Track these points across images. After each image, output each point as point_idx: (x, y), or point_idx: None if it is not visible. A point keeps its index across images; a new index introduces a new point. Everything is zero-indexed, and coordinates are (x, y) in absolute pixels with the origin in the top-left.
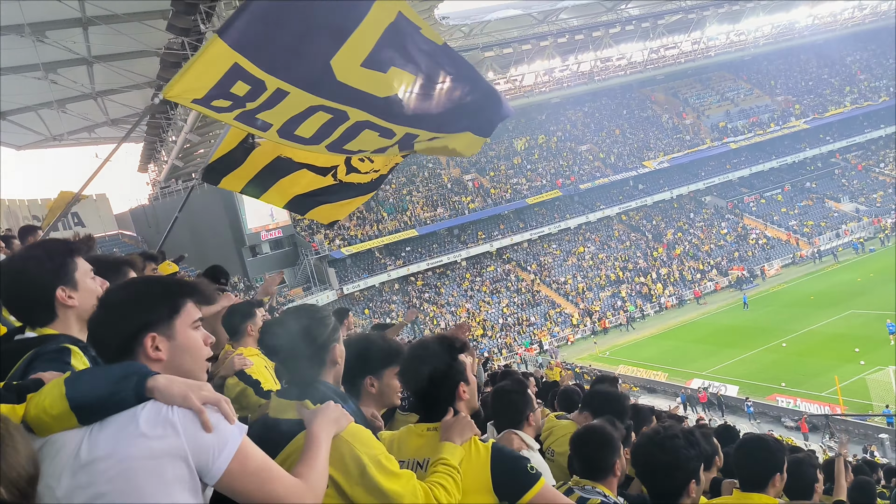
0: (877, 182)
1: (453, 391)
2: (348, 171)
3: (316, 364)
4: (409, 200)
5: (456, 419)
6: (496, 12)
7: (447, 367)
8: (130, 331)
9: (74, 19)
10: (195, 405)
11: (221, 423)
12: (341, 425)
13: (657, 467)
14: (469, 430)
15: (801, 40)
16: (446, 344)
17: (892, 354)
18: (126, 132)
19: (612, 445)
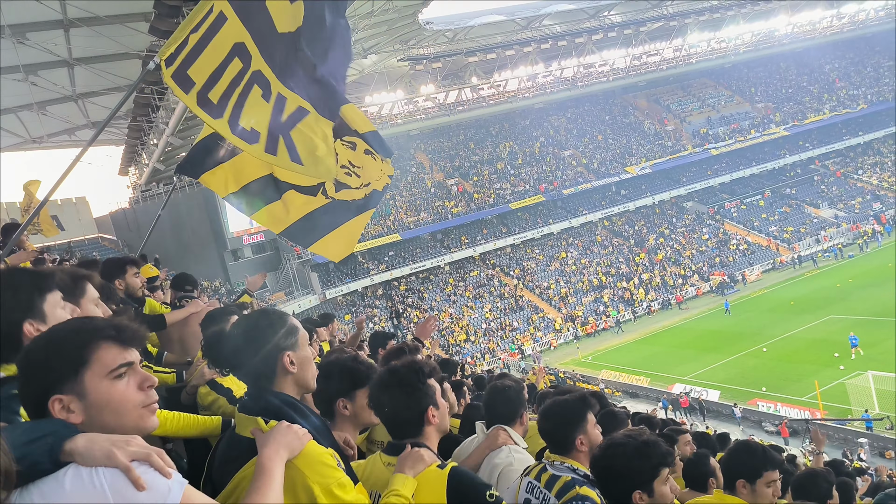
0: (855, 189)
1: (421, 416)
2: (338, 188)
3: (265, 374)
4: (392, 205)
5: (409, 454)
6: (480, 18)
7: (415, 391)
8: (36, 395)
9: (55, 21)
10: (121, 463)
11: (157, 479)
12: (293, 449)
13: (604, 473)
14: (420, 463)
15: (780, 48)
16: (415, 368)
17: (872, 359)
18: (105, 120)
19: (570, 420)
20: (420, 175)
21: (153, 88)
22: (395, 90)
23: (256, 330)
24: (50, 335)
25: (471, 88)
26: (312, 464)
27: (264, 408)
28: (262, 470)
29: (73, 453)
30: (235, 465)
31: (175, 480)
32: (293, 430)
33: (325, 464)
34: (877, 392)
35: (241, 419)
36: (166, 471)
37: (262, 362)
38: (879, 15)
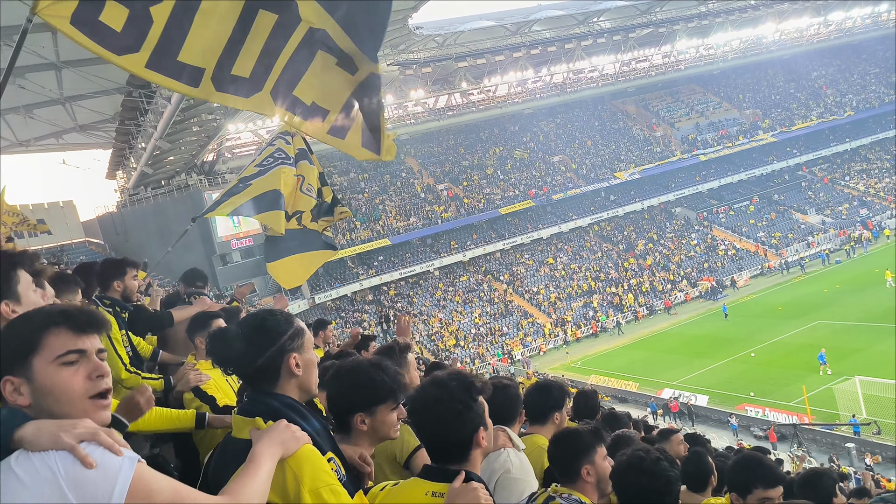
0: (842, 195)
1: (471, 438)
2: (314, 218)
3: (269, 376)
4: (381, 209)
5: (463, 489)
6: (470, 23)
7: (467, 410)
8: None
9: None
10: (66, 443)
11: (106, 456)
12: (289, 449)
13: (645, 493)
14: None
15: (768, 55)
16: (466, 383)
17: (859, 364)
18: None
19: (578, 449)
20: (410, 180)
21: (141, 92)
22: (384, 95)
23: (263, 330)
24: (10, 320)
25: (460, 93)
26: (304, 464)
27: (264, 410)
28: (252, 459)
29: (21, 440)
30: (231, 469)
31: (126, 457)
32: (291, 429)
33: (318, 466)
34: (864, 397)
35: (238, 422)
36: (116, 448)
37: (267, 363)
38: (866, 23)
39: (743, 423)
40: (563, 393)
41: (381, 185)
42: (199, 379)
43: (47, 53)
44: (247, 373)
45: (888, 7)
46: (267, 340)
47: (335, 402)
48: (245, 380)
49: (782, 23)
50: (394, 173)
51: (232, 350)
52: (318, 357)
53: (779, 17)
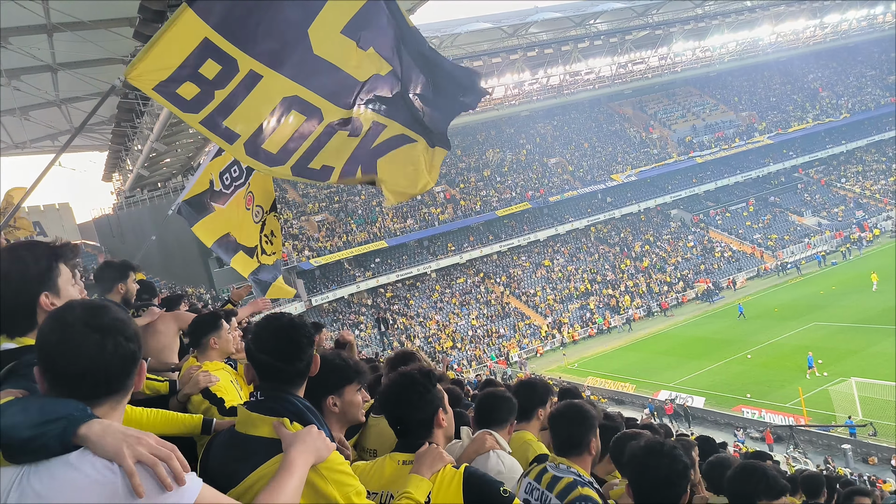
0: (838, 197)
1: (432, 417)
2: (262, 252)
3: (299, 378)
4: (378, 212)
5: (428, 450)
6: (467, 25)
7: (427, 393)
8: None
9: (39, 25)
10: (126, 464)
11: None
12: (321, 456)
13: (660, 477)
14: (439, 462)
15: (764, 57)
16: (426, 371)
17: (856, 366)
18: (82, 122)
19: (588, 422)
20: None
21: (137, 94)
22: None
23: (307, 333)
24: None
25: None
26: (335, 472)
27: (291, 409)
28: (288, 467)
29: (86, 439)
30: (250, 464)
31: (192, 482)
32: (322, 435)
33: (345, 472)
34: (860, 398)
35: (251, 418)
36: (168, 483)
37: (305, 365)
38: (862, 25)
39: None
40: (548, 390)
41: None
42: (208, 380)
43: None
44: (285, 371)
45: (884, 9)
46: (309, 344)
47: (308, 389)
48: (276, 378)
49: (778, 25)
50: None
51: (284, 346)
52: None
53: (775, 19)
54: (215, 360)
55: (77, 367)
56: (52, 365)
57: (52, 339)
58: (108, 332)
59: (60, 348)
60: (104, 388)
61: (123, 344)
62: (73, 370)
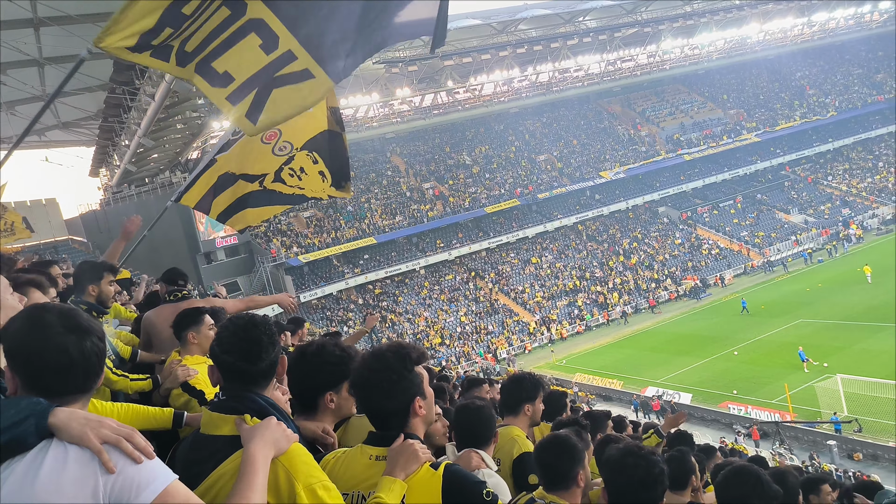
0: (824, 194)
1: (408, 406)
2: (274, 180)
3: (265, 377)
4: (367, 208)
5: (402, 447)
6: (456, 22)
7: (401, 380)
8: None
9: (26, 20)
10: (92, 444)
11: (148, 466)
12: (281, 447)
13: (640, 481)
14: (414, 462)
15: (752, 55)
16: (401, 354)
17: (841, 362)
18: (57, 88)
19: (574, 454)
20: (395, 178)
21: (125, 89)
22: (370, 93)
23: (270, 332)
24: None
25: (446, 92)
26: (298, 463)
27: (253, 407)
28: (249, 463)
29: (55, 427)
30: (209, 465)
31: (162, 471)
32: (282, 427)
33: (310, 464)
34: (845, 395)
35: (212, 419)
36: (136, 455)
37: (271, 364)
38: (849, 24)
39: (724, 420)
40: (537, 385)
41: (367, 184)
42: (186, 374)
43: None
44: (248, 372)
45: (871, 8)
46: (276, 342)
47: (304, 383)
48: (239, 378)
49: (766, 23)
50: (379, 172)
51: (246, 346)
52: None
53: (763, 17)
54: (196, 354)
55: (60, 365)
56: (32, 364)
57: (33, 339)
58: (84, 332)
59: (42, 348)
60: (81, 384)
61: (98, 343)
62: (55, 369)
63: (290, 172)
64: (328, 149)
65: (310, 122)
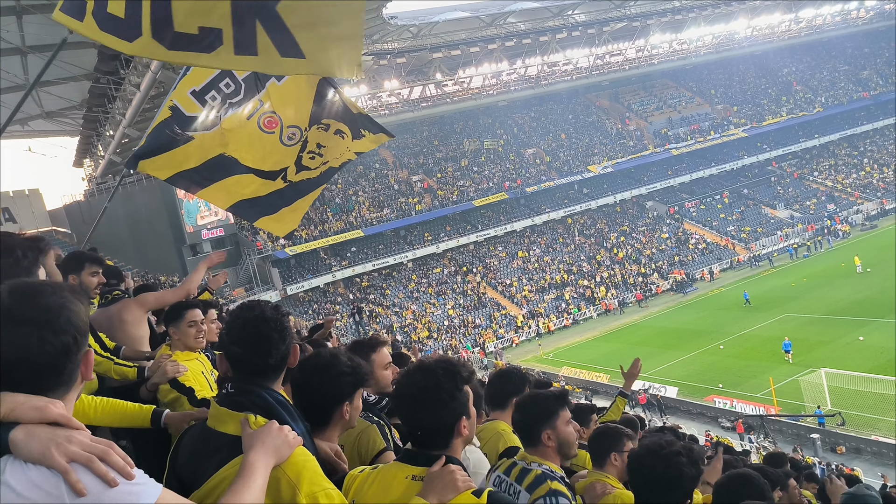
0: (810, 190)
1: (454, 426)
2: (298, 171)
3: (274, 371)
4: (355, 201)
5: (442, 472)
6: (444, 14)
7: (452, 400)
8: None
9: (8, 7)
10: (58, 463)
11: (103, 491)
12: (282, 455)
13: (657, 482)
14: (452, 491)
15: (740, 51)
16: (452, 372)
17: (825, 356)
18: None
19: (540, 413)
20: (383, 171)
21: (109, 79)
22: (358, 85)
23: (284, 325)
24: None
25: (435, 85)
26: (300, 470)
27: (259, 403)
28: (247, 471)
29: (12, 444)
30: (214, 462)
31: (145, 488)
32: (284, 432)
33: (313, 470)
34: (829, 389)
35: (219, 413)
36: (109, 477)
37: (281, 357)
38: (836, 20)
39: (709, 414)
40: (523, 380)
41: (355, 176)
42: (176, 370)
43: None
44: (257, 365)
45: (857, 5)
46: (287, 336)
47: (319, 397)
48: (248, 370)
49: (754, 19)
50: (367, 164)
51: (255, 340)
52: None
53: (751, 13)
54: (181, 350)
55: (13, 360)
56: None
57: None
58: (34, 324)
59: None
60: (31, 385)
61: (51, 339)
62: (9, 364)
63: (310, 156)
64: (330, 106)
65: (303, 95)
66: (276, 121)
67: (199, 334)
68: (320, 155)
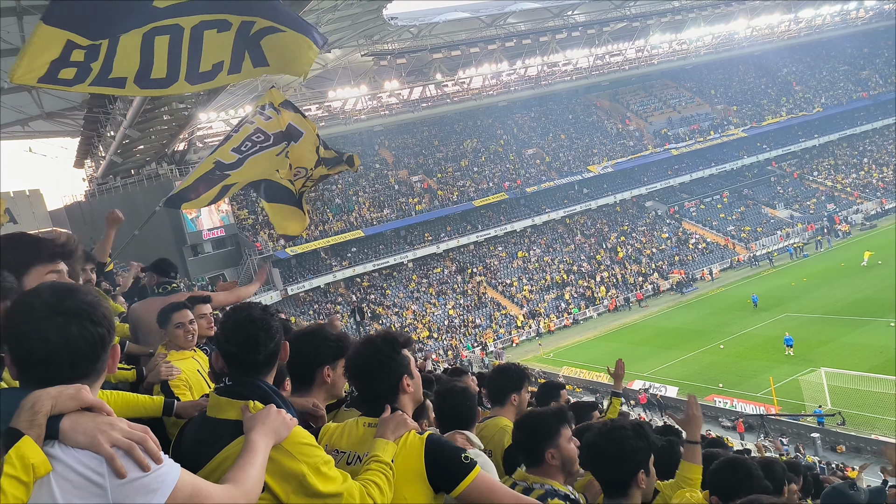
0: (810, 190)
1: (396, 385)
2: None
3: (267, 365)
4: (355, 201)
5: (391, 416)
6: (444, 14)
7: (390, 361)
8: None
9: (9, 8)
10: (104, 450)
11: (136, 473)
12: (281, 434)
13: (604, 458)
14: (402, 427)
15: (740, 51)
16: (389, 339)
17: (825, 356)
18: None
19: (542, 432)
20: (384, 171)
21: None
22: (358, 85)
23: (275, 321)
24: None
25: (435, 85)
26: (298, 445)
27: (258, 393)
28: (250, 447)
29: (62, 431)
30: (215, 447)
31: (170, 467)
32: (282, 415)
33: (309, 444)
34: (829, 388)
35: (220, 403)
36: (145, 463)
37: (273, 352)
38: (835, 20)
39: (710, 413)
40: (522, 375)
41: (355, 177)
42: (169, 373)
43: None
44: (249, 361)
45: (857, 5)
46: (274, 334)
47: (303, 359)
48: (241, 366)
49: (754, 19)
50: (367, 165)
51: (244, 340)
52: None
53: (751, 13)
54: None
55: (40, 352)
56: (18, 350)
57: (16, 324)
58: (73, 315)
59: (24, 333)
60: (69, 372)
61: (89, 328)
62: (36, 355)
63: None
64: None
65: (306, 150)
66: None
67: (187, 335)
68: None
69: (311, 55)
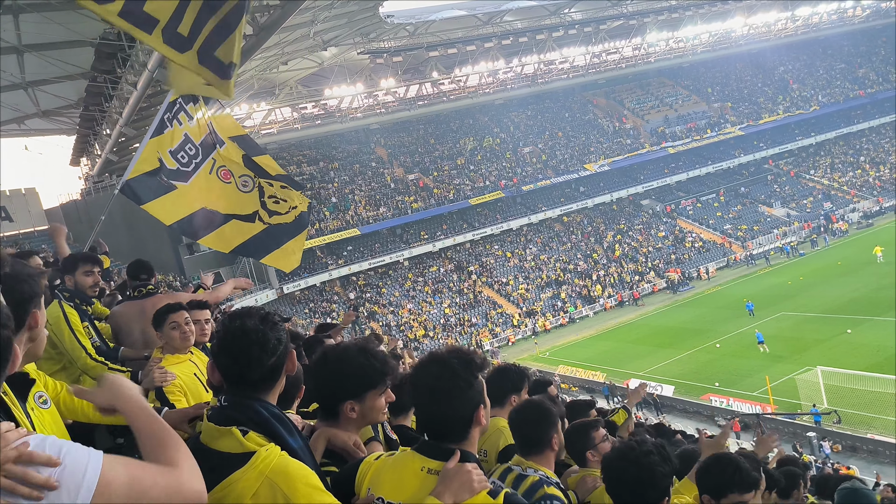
0: (807, 188)
1: (472, 416)
2: (270, 215)
3: (268, 381)
4: (351, 199)
5: (458, 470)
6: (441, 12)
7: (469, 388)
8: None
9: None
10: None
11: (72, 454)
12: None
13: (632, 483)
14: (468, 491)
15: (736, 49)
16: (467, 360)
17: (821, 355)
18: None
19: (548, 419)
20: (380, 170)
21: (106, 77)
22: (354, 83)
23: (279, 332)
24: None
25: (431, 83)
26: (296, 483)
27: (254, 419)
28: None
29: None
30: (206, 481)
31: (91, 456)
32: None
33: (312, 486)
34: (825, 387)
35: (209, 430)
36: (34, 496)
37: (275, 366)
38: (832, 18)
39: (706, 412)
40: (522, 376)
41: (351, 175)
42: (163, 379)
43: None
44: (247, 377)
45: (853, 3)
46: (271, 348)
47: (322, 390)
48: (238, 382)
49: (751, 17)
50: (364, 163)
51: (237, 353)
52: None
53: (747, 11)
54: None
55: None
56: None
57: None
58: None
59: None
60: None
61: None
62: None
63: (273, 201)
64: (261, 168)
65: (236, 156)
66: (228, 173)
67: (182, 336)
68: (284, 200)
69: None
